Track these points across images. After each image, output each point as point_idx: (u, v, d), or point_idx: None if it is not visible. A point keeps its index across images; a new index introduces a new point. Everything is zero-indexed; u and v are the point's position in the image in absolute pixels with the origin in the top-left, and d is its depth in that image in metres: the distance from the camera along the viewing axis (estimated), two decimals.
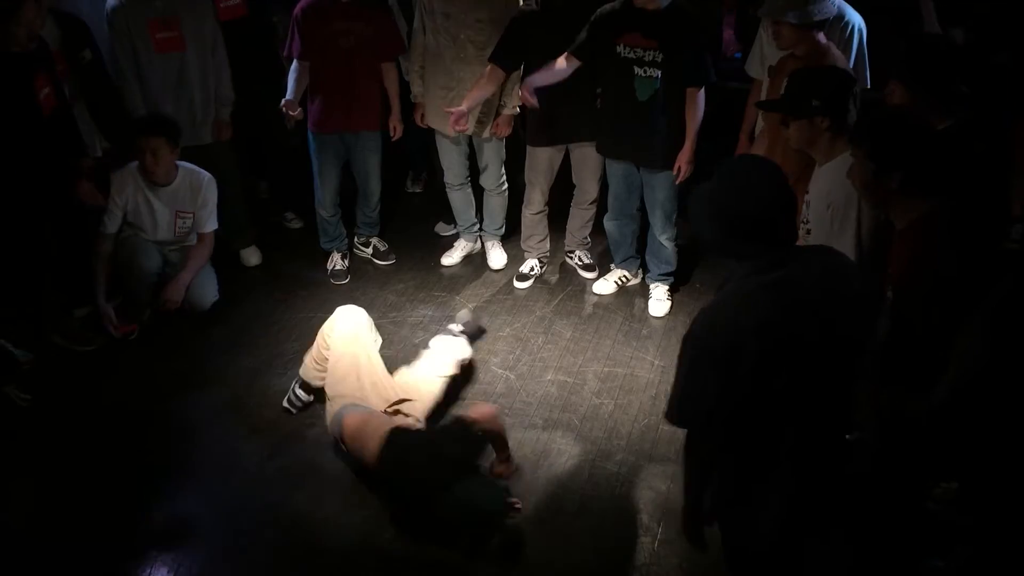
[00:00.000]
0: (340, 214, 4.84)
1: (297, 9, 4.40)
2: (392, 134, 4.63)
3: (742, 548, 2.41)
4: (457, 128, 4.26)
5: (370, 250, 5.00)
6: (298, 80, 4.47)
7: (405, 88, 4.62)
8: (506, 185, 4.78)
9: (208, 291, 4.32)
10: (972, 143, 2.87)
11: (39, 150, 3.78)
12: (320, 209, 4.79)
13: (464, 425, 3.27)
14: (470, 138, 4.62)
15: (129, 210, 4.17)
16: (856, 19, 3.86)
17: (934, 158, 2.53)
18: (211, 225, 4.33)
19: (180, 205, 4.23)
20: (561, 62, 4.07)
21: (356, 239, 5.02)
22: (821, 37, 3.56)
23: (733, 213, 2.11)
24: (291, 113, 4.45)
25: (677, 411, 2.21)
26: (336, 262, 4.87)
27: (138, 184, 4.16)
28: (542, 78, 4.12)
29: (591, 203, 4.66)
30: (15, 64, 3.61)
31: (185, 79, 4.42)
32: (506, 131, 4.55)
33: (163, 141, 4.04)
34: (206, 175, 4.27)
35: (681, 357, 2.18)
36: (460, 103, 4.29)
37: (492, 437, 3.36)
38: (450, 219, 5.11)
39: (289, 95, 4.44)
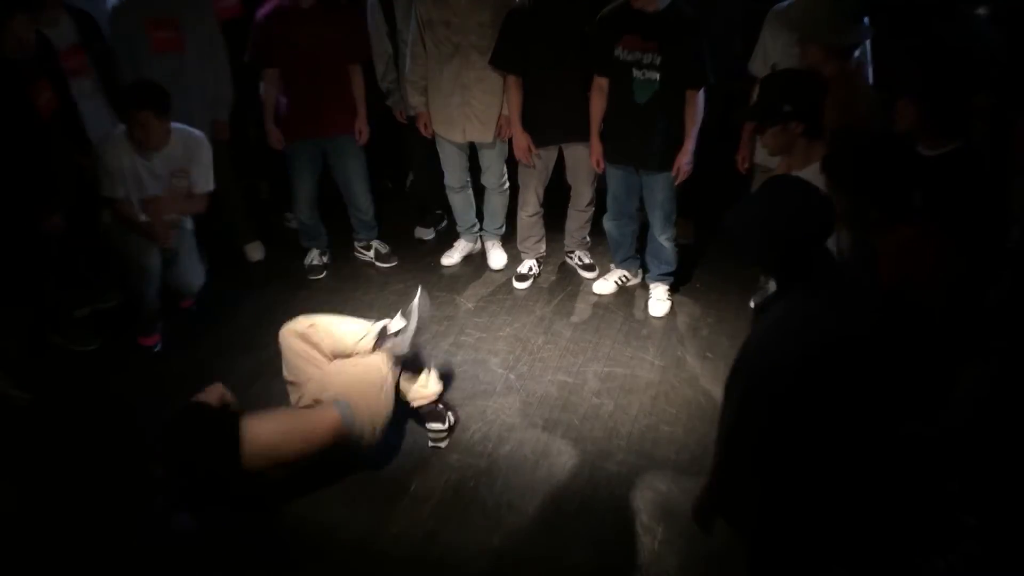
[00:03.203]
0: (319, 216, 4.84)
1: (259, 15, 4.37)
2: (357, 138, 4.61)
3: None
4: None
5: (371, 253, 4.98)
6: (267, 94, 4.50)
7: (372, 91, 4.64)
8: (507, 184, 4.78)
9: (196, 275, 4.32)
10: (973, 167, 2.80)
11: (37, 155, 3.77)
12: (298, 214, 4.82)
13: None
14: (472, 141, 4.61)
15: (126, 176, 4.02)
16: None
17: (911, 188, 2.44)
18: (207, 185, 4.18)
19: (175, 164, 4.08)
20: (600, 85, 4.10)
21: (356, 243, 5.01)
22: (852, 62, 3.48)
23: (780, 229, 2.10)
24: (277, 143, 4.53)
25: (724, 446, 2.18)
26: (314, 258, 4.87)
27: (131, 152, 4.01)
28: (598, 108, 4.15)
29: (587, 205, 4.65)
30: (7, 71, 3.60)
31: (183, 80, 4.36)
32: (509, 132, 4.54)
33: (151, 114, 3.89)
34: (199, 133, 4.13)
35: (729, 392, 2.17)
36: (469, 110, 4.37)
37: None
38: (428, 223, 5.16)
39: (269, 122, 4.51)
